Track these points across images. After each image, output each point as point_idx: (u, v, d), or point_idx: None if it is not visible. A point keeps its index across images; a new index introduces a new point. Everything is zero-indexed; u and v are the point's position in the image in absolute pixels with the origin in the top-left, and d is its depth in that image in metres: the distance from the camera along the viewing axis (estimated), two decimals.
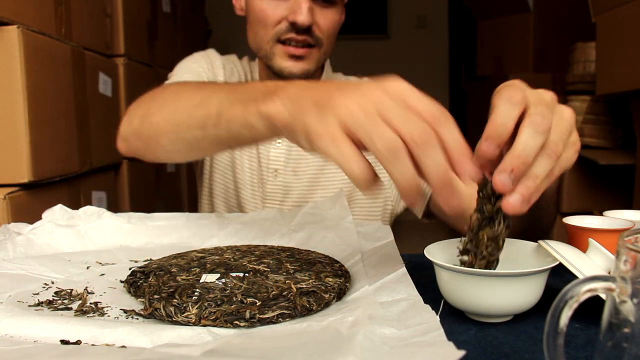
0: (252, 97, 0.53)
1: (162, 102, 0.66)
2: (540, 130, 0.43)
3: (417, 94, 0.43)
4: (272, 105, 0.50)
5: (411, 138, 0.41)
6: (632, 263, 0.29)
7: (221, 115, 0.56)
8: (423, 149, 0.41)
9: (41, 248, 0.64)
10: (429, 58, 4.44)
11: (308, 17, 0.85)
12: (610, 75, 1.81)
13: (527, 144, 0.42)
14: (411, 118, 0.41)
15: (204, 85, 0.63)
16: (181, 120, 0.61)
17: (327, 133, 0.44)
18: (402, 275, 0.52)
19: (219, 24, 3.47)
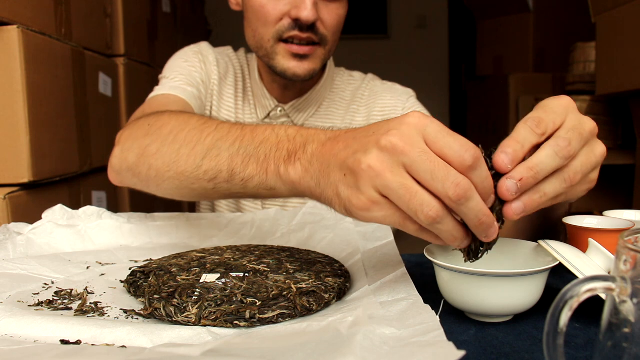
0: (268, 155, 0.50)
1: (161, 143, 0.60)
2: (560, 155, 0.43)
3: (438, 131, 0.41)
4: (293, 170, 0.47)
5: (447, 197, 0.40)
6: (632, 263, 0.29)
7: (234, 173, 0.52)
8: (460, 204, 0.40)
9: (41, 248, 0.64)
10: (429, 58, 4.44)
11: (313, 13, 0.78)
12: (610, 75, 1.81)
13: (543, 161, 0.42)
14: (442, 172, 0.39)
15: (206, 125, 0.58)
16: (187, 169, 0.57)
17: (368, 203, 0.42)
18: (402, 275, 0.52)
19: (219, 24, 3.47)
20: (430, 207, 0.40)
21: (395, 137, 0.40)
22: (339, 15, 0.84)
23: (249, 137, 0.53)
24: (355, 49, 4.05)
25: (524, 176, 0.42)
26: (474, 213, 0.41)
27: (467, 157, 0.40)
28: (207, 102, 0.95)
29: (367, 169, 0.41)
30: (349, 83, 1.01)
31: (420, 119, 0.41)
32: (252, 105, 0.96)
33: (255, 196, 0.54)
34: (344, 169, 0.43)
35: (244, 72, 0.99)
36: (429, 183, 0.40)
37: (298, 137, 0.49)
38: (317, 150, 0.46)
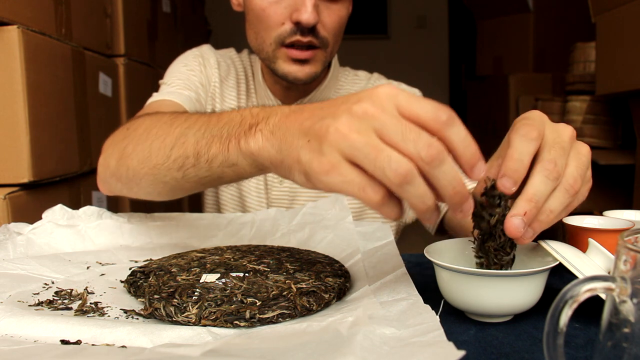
0: (230, 132, 0.49)
1: (136, 142, 0.61)
2: (551, 177, 0.43)
3: (410, 98, 0.40)
4: (253, 141, 0.46)
5: (419, 157, 0.38)
6: (632, 263, 0.29)
7: (199, 156, 0.52)
8: (433, 166, 0.38)
9: (41, 248, 0.64)
10: (429, 58, 4.44)
11: (313, 15, 0.77)
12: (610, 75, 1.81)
13: (539, 189, 0.43)
14: (413, 133, 0.38)
15: (176, 118, 0.58)
16: (157, 162, 0.57)
17: (329, 166, 0.40)
18: (402, 275, 0.52)
19: (219, 24, 3.47)
20: (400, 164, 0.38)
21: (366, 103, 0.40)
22: (340, 16, 0.84)
23: (215, 120, 0.53)
24: (355, 49, 4.05)
25: (526, 209, 0.43)
26: (448, 178, 0.39)
27: (441, 114, 0.39)
28: (208, 105, 0.94)
29: (334, 131, 0.40)
30: (354, 83, 1.00)
31: (392, 89, 0.40)
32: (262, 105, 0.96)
33: (221, 177, 0.53)
34: (309, 134, 0.42)
35: (247, 73, 0.98)
36: (400, 145, 0.38)
37: (261, 112, 0.48)
38: (280, 121, 0.45)
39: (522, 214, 0.43)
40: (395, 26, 4.45)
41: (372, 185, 0.40)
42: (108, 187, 0.70)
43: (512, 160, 0.43)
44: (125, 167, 0.62)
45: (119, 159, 0.64)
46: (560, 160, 0.44)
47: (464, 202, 0.41)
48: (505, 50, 2.87)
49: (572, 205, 0.46)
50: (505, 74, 2.75)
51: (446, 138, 0.39)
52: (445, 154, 0.39)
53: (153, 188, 0.62)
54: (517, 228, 0.43)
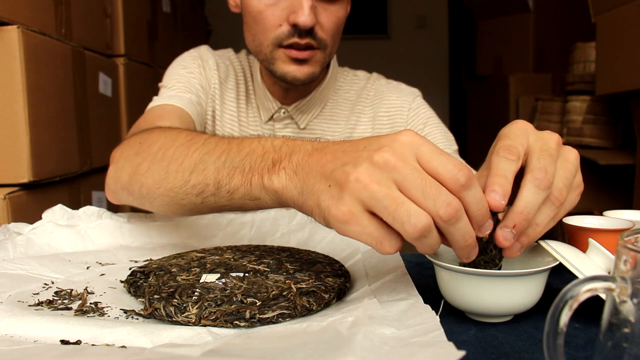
0: (253, 165, 0.49)
1: (151, 160, 0.61)
2: (542, 187, 0.43)
3: (432, 150, 0.41)
4: (277, 179, 0.46)
5: (437, 215, 0.39)
6: (632, 263, 0.29)
7: (220, 186, 0.52)
8: (450, 224, 0.40)
9: (41, 248, 0.64)
10: (429, 58, 4.44)
11: (310, 18, 0.77)
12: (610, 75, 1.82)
13: (529, 201, 0.43)
14: (433, 190, 0.39)
15: (194, 141, 0.58)
16: (175, 185, 0.57)
17: (348, 215, 0.41)
18: (402, 275, 0.52)
19: (219, 24, 3.47)
20: (419, 219, 0.39)
21: (387, 153, 0.40)
22: (338, 17, 0.83)
23: (235, 149, 0.52)
24: (355, 49, 4.05)
25: (516, 222, 0.43)
26: (461, 234, 0.41)
27: (460, 176, 0.40)
28: (209, 107, 0.94)
29: (354, 180, 0.40)
30: (353, 83, 1.00)
31: (414, 137, 0.41)
32: (255, 107, 0.96)
33: (242, 207, 0.53)
34: (330, 179, 0.42)
35: (245, 74, 0.98)
36: (420, 200, 0.39)
37: (284, 147, 0.48)
38: (303, 160, 0.46)
39: (512, 227, 0.43)
40: (395, 26, 4.45)
41: (389, 238, 0.41)
42: (117, 198, 0.69)
43: (497, 177, 0.43)
44: (139, 184, 0.62)
45: (132, 174, 0.63)
46: (550, 168, 0.44)
47: (471, 251, 0.43)
48: (505, 50, 2.87)
49: (559, 216, 0.45)
50: (505, 74, 2.75)
51: (462, 199, 0.41)
52: (462, 212, 0.40)
53: (168, 208, 0.61)
54: (506, 239, 0.43)
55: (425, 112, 0.97)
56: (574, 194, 0.46)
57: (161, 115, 0.83)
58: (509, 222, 0.43)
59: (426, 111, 0.97)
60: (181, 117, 0.85)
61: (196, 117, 0.89)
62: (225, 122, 0.95)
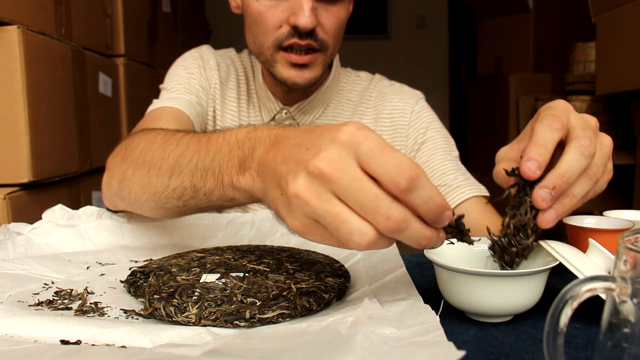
0: (221, 165, 0.49)
1: (135, 166, 0.61)
2: (586, 154, 0.44)
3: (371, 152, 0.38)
4: (243, 180, 0.47)
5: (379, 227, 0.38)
6: (632, 263, 0.29)
7: (197, 189, 0.52)
8: (395, 234, 0.38)
9: (41, 248, 0.64)
10: (429, 58, 4.44)
11: (311, 19, 0.76)
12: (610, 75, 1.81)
13: (572, 165, 0.43)
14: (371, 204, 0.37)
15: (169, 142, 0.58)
16: (157, 190, 0.57)
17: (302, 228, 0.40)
18: (402, 275, 0.52)
19: (219, 24, 3.47)
20: (362, 236, 0.38)
21: (323, 162, 0.38)
22: (339, 18, 0.82)
23: (204, 149, 0.52)
24: (355, 49, 4.04)
25: (556, 184, 0.43)
26: (412, 239, 0.39)
27: (400, 181, 0.37)
28: (209, 107, 0.94)
29: (294, 196, 0.39)
30: (355, 83, 1.00)
31: (353, 135, 0.38)
32: (256, 108, 0.96)
33: (222, 207, 0.54)
34: (280, 188, 0.41)
35: (247, 74, 0.98)
36: (361, 213, 0.38)
37: (246, 141, 0.48)
38: (262, 158, 0.45)
39: (551, 188, 0.43)
40: (395, 26, 4.45)
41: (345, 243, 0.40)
42: (113, 204, 0.70)
43: (537, 145, 0.44)
44: (127, 190, 0.63)
45: (120, 181, 0.64)
46: (594, 140, 0.44)
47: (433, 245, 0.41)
48: (505, 50, 2.87)
49: (589, 195, 0.46)
50: (505, 74, 2.75)
51: (408, 202, 0.38)
52: (405, 222, 0.38)
53: (155, 212, 0.62)
54: (543, 199, 0.43)
55: (428, 115, 0.97)
56: (605, 178, 0.47)
57: (159, 118, 0.83)
58: (548, 182, 0.43)
59: (428, 115, 0.97)
60: (178, 119, 0.85)
61: (195, 118, 0.89)
62: (226, 123, 0.94)
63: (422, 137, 0.94)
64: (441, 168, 0.91)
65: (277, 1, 0.79)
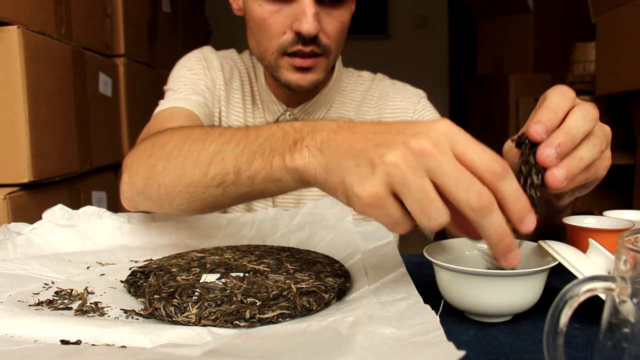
0: (273, 147, 0.48)
1: (166, 160, 0.60)
2: (589, 117, 0.44)
3: (467, 141, 0.40)
4: (299, 157, 0.45)
5: (468, 205, 0.38)
6: (632, 263, 0.29)
7: (240, 172, 0.51)
8: (481, 215, 0.39)
9: (41, 248, 0.64)
10: (429, 58, 4.44)
11: (314, 26, 0.76)
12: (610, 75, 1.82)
13: (576, 124, 0.44)
14: (466, 179, 0.38)
15: (209, 134, 0.57)
16: (194, 179, 0.56)
17: (373, 197, 0.40)
18: (402, 275, 0.52)
19: (219, 24, 3.47)
20: (446, 217, 0.39)
21: (424, 140, 0.39)
22: (342, 22, 0.82)
23: (254, 135, 0.52)
24: (355, 49, 4.04)
25: (561, 141, 0.43)
26: (494, 228, 0.39)
27: (496, 166, 0.39)
28: (215, 108, 0.94)
29: (389, 163, 0.39)
30: (358, 83, 1.00)
31: (450, 126, 0.40)
32: (260, 109, 0.96)
33: (264, 192, 0.52)
34: (359, 158, 0.41)
35: (249, 76, 0.98)
36: (452, 190, 0.39)
37: (305, 127, 0.47)
38: (329, 138, 0.44)
39: (557, 145, 0.43)
40: (395, 26, 4.45)
41: (404, 222, 0.41)
42: (134, 204, 0.68)
43: (547, 110, 0.44)
44: (157, 185, 0.61)
45: (147, 177, 0.62)
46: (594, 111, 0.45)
47: (508, 252, 0.41)
48: (505, 50, 2.87)
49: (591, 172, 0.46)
50: (505, 74, 2.75)
51: (498, 190, 0.39)
52: (494, 205, 0.39)
53: (188, 205, 0.60)
54: (549, 156, 0.43)
55: (430, 114, 0.97)
56: (606, 162, 0.48)
57: (170, 119, 0.82)
58: (554, 140, 0.43)
59: (431, 113, 0.97)
60: (190, 119, 0.84)
61: (204, 119, 0.88)
62: (232, 124, 0.94)
63: None
64: None
65: (280, 6, 0.79)
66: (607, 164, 0.48)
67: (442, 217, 0.39)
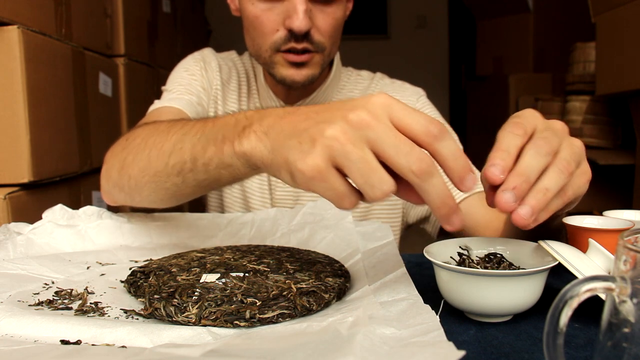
0: (225, 134, 0.50)
1: (136, 152, 0.63)
2: (542, 153, 0.43)
3: (404, 109, 0.41)
4: (246, 142, 0.47)
5: (410, 171, 0.40)
6: (632, 263, 0.29)
7: (196, 160, 0.53)
8: (423, 179, 0.40)
9: (41, 248, 0.64)
10: (429, 58, 4.44)
11: (305, 22, 0.77)
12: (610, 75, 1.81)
13: (528, 164, 0.43)
14: (406, 147, 0.40)
15: (173, 125, 0.60)
16: (157, 169, 0.59)
17: (315, 171, 0.41)
18: (402, 275, 0.52)
19: (219, 24, 3.47)
20: (389, 185, 0.41)
21: (363, 112, 0.41)
22: (335, 19, 0.83)
23: (211, 125, 0.54)
24: (355, 49, 4.04)
25: (516, 183, 0.42)
26: (436, 191, 0.41)
27: (432, 128, 0.40)
28: (211, 108, 0.95)
29: (329, 137, 0.41)
30: (357, 82, 1.00)
31: (387, 99, 0.42)
32: (258, 107, 0.96)
33: (219, 179, 0.54)
34: (302, 136, 0.42)
35: (248, 75, 0.99)
36: (393, 157, 0.40)
37: (255, 114, 0.49)
38: (274, 122, 0.46)
39: (511, 188, 0.42)
40: (395, 26, 4.45)
41: (350, 195, 0.42)
42: (112, 197, 0.71)
43: (499, 151, 0.44)
44: (127, 177, 0.64)
45: (120, 169, 0.65)
46: (552, 140, 0.44)
47: (451, 215, 0.42)
48: (505, 50, 2.87)
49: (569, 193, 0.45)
50: (505, 74, 2.75)
51: (436, 151, 0.41)
52: (434, 167, 0.40)
53: (155, 195, 0.63)
54: (506, 201, 0.42)
55: (430, 112, 0.97)
56: (583, 178, 0.46)
57: (158, 117, 0.84)
58: (508, 184, 0.43)
59: (430, 111, 0.97)
60: (178, 117, 0.85)
61: (194, 117, 0.89)
62: None
63: None
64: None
65: (273, 5, 0.80)
66: (586, 178, 0.47)
67: (385, 186, 0.40)
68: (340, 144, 0.40)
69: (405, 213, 0.96)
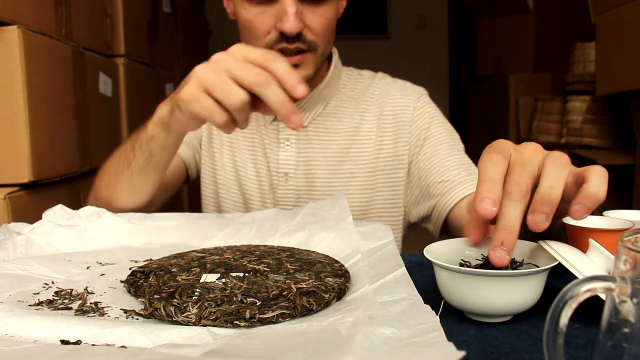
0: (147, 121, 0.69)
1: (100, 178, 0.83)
2: (516, 199, 0.44)
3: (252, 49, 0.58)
4: (160, 111, 0.67)
5: (252, 82, 0.56)
6: (632, 263, 0.29)
7: (134, 147, 0.72)
8: (262, 87, 0.56)
9: (41, 248, 0.64)
10: (429, 58, 4.45)
11: (295, 24, 0.79)
12: (610, 75, 1.82)
13: (509, 216, 0.44)
14: (249, 69, 0.57)
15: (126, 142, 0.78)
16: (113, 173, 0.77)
17: (191, 95, 0.59)
18: (402, 275, 0.52)
19: (219, 24, 3.47)
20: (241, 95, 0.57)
21: (221, 54, 0.59)
22: (327, 18, 0.83)
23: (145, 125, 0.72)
24: (355, 49, 4.04)
25: (502, 238, 0.44)
26: (275, 96, 0.56)
27: (268, 55, 0.58)
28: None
29: (198, 71, 0.59)
30: (357, 82, 1.00)
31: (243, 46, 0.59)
32: None
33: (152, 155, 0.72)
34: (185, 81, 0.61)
35: None
36: (242, 78, 0.57)
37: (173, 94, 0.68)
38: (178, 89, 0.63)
39: (500, 244, 0.44)
40: (395, 26, 4.45)
41: (220, 112, 0.59)
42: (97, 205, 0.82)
43: (484, 183, 0.45)
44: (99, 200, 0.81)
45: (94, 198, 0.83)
46: (520, 178, 0.45)
47: (291, 114, 0.57)
48: (505, 50, 2.87)
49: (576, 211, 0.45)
50: (505, 74, 2.75)
51: (271, 70, 0.57)
52: (270, 79, 0.57)
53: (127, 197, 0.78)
54: (500, 258, 0.44)
55: (431, 111, 0.97)
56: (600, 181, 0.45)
57: None
58: (496, 241, 0.44)
59: (431, 110, 0.97)
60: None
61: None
62: None
63: (425, 132, 0.94)
64: (444, 164, 0.91)
65: (264, 8, 0.81)
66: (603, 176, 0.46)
67: (237, 94, 0.57)
68: (204, 73, 0.58)
69: (407, 212, 0.96)
